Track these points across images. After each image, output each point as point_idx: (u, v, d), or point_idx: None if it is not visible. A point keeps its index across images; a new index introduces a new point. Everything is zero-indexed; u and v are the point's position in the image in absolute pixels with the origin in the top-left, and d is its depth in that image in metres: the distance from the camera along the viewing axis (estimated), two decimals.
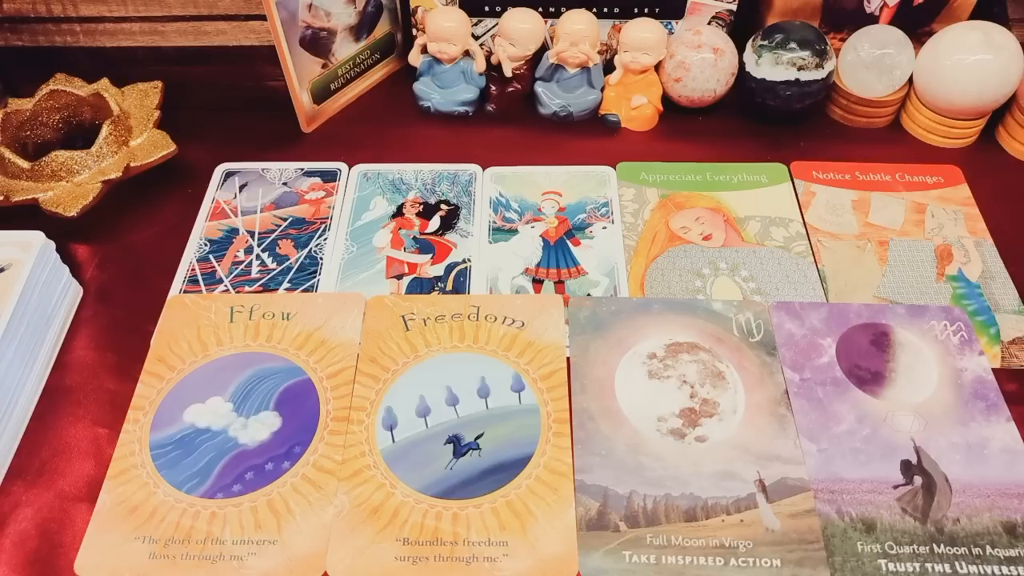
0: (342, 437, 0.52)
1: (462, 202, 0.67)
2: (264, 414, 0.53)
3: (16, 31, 0.76)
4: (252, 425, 0.52)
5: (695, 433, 0.52)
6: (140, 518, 0.48)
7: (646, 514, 0.48)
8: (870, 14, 0.74)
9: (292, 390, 0.54)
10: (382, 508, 0.49)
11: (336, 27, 0.72)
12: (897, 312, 0.58)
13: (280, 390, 0.54)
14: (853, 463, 0.50)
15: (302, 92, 0.72)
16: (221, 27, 0.76)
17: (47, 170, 0.63)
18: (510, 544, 0.47)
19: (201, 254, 0.63)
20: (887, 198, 0.67)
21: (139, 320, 0.59)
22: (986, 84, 0.67)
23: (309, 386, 0.54)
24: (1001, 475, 0.50)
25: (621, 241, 0.64)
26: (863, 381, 0.54)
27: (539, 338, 0.57)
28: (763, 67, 0.69)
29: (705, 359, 0.56)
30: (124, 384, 0.55)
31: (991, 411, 0.53)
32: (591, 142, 0.73)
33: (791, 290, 0.60)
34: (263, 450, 0.51)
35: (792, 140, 0.73)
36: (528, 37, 0.72)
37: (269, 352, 0.56)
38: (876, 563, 0.46)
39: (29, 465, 0.52)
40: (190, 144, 0.69)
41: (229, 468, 0.51)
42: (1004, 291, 0.60)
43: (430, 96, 0.75)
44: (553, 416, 0.53)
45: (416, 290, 0.61)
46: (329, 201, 0.67)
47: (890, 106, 0.73)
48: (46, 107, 0.69)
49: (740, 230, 0.65)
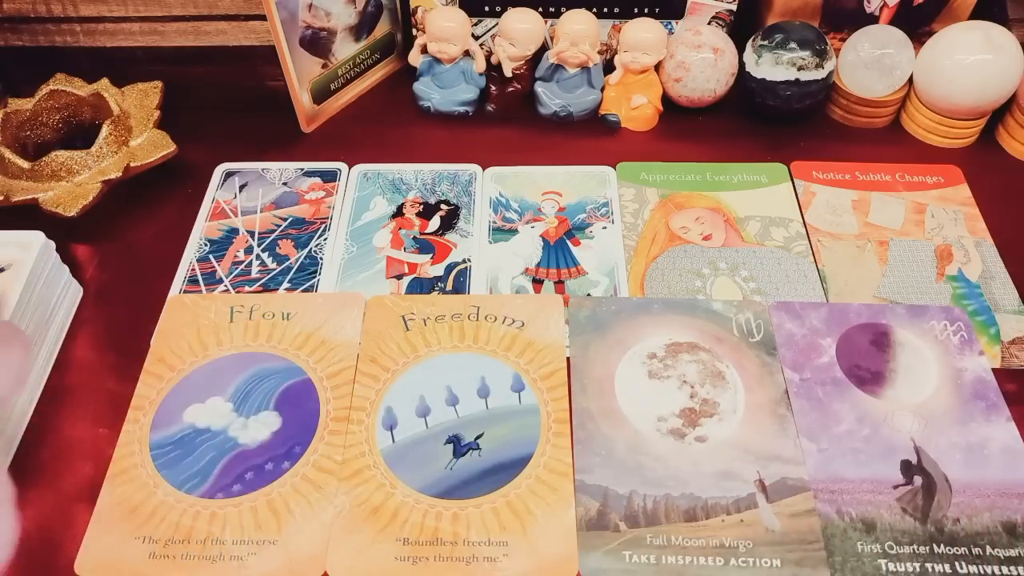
0: (342, 437, 0.52)
1: (462, 202, 0.67)
2: (264, 414, 0.53)
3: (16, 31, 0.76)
4: (252, 425, 0.52)
5: (695, 433, 0.52)
6: (140, 518, 0.48)
7: (646, 514, 0.48)
8: (870, 14, 0.74)
9: (292, 390, 0.54)
10: (382, 508, 0.49)
11: (336, 27, 0.72)
12: (897, 312, 0.58)
13: (280, 390, 0.54)
14: (853, 463, 0.50)
15: (302, 92, 0.72)
16: (221, 27, 0.76)
17: (47, 170, 0.63)
18: (510, 544, 0.47)
19: (201, 254, 0.63)
20: (887, 198, 0.67)
21: (139, 320, 0.59)
22: (986, 84, 0.67)
23: (309, 386, 0.54)
24: (1001, 475, 0.50)
25: (621, 241, 0.64)
26: (863, 381, 0.54)
27: (539, 338, 0.57)
28: (763, 67, 0.69)
29: (705, 359, 0.56)
30: (124, 384, 0.55)
31: (991, 411, 0.53)
32: (591, 142, 0.73)
33: (791, 290, 0.60)
34: (263, 450, 0.51)
35: (792, 140, 0.73)
36: (528, 37, 0.72)
37: (269, 352, 0.56)
38: (876, 563, 0.46)
39: (29, 465, 0.52)
40: (190, 144, 0.69)
41: (229, 468, 0.51)
42: (1004, 291, 0.60)
43: (430, 96, 0.75)
44: (553, 416, 0.53)
45: (416, 290, 0.61)
46: (329, 201, 0.67)
47: (890, 106, 0.73)
48: (46, 107, 0.69)
49: (740, 230, 0.65)
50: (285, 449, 0.51)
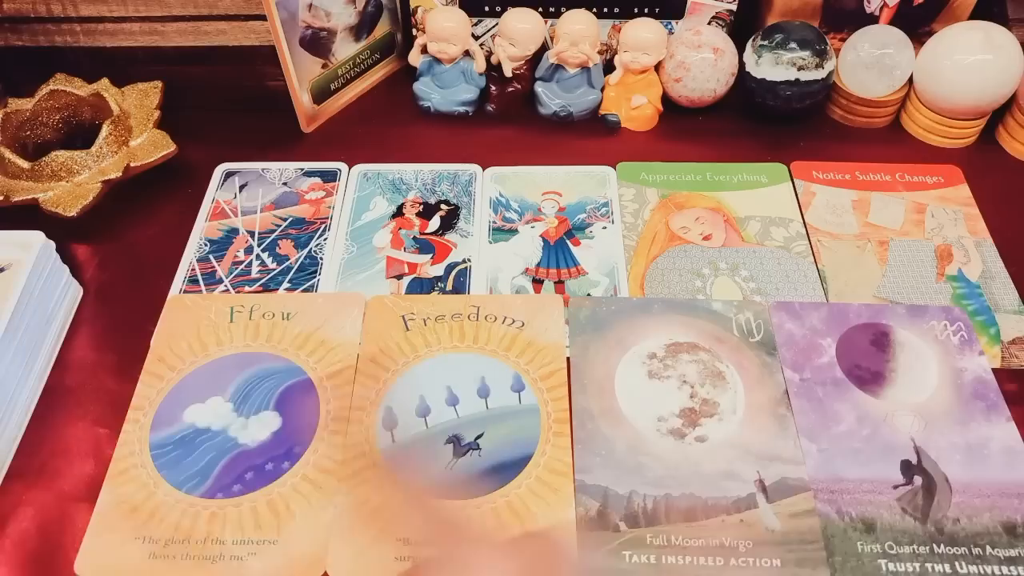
0: (342, 437, 0.52)
1: (462, 202, 0.67)
2: (264, 414, 0.53)
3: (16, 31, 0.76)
4: (252, 425, 0.52)
5: (695, 433, 0.52)
6: (140, 518, 0.48)
7: (646, 514, 0.48)
8: (870, 14, 0.74)
9: (292, 390, 0.54)
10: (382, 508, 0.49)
11: (336, 27, 0.72)
12: (897, 312, 0.58)
13: (280, 390, 0.54)
14: (853, 463, 0.50)
15: (302, 92, 0.72)
16: (221, 27, 0.76)
17: (47, 170, 0.63)
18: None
19: (201, 254, 0.63)
20: (887, 198, 0.67)
21: (139, 320, 0.59)
22: (986, 84, 0.67)
23: (309, 386, 0.54)
24: (1001, 475, 0.50)
25: (621, 241, 0.64)
26: (863, 381, 0.54)
27: (539, 338, 0.57)
28: (763, 67, 0.69)
29: (705, 359, 0.56)
30: (124, 384, 0.55)
31: (991, 411, 0.53)
32: (591, 142, 0.73)
33: (791, 290, 0.60)
34: (263, 450, 0.51)
35: (792, 140, 0.73)
36: (528, 37, 0.72)
37: (269, 352, 0.56)
38: (876, 563, 0.46)
39: (29, 465, 0.52)
40: (190, 144, 0.69)
41: (229, 468, 0.51)
42: (1004, 291, 0.60)
43: (430, 96, 0.75)
44: (553, 416, 0.53)
45: (416, 290, 0.61)
46: (329, 201, 0.67)
47: (890, 106, 0.73)
48: (46, 107, 0.69)
49: (740, 230, 0.65)
50: (285, 449, 0.51)
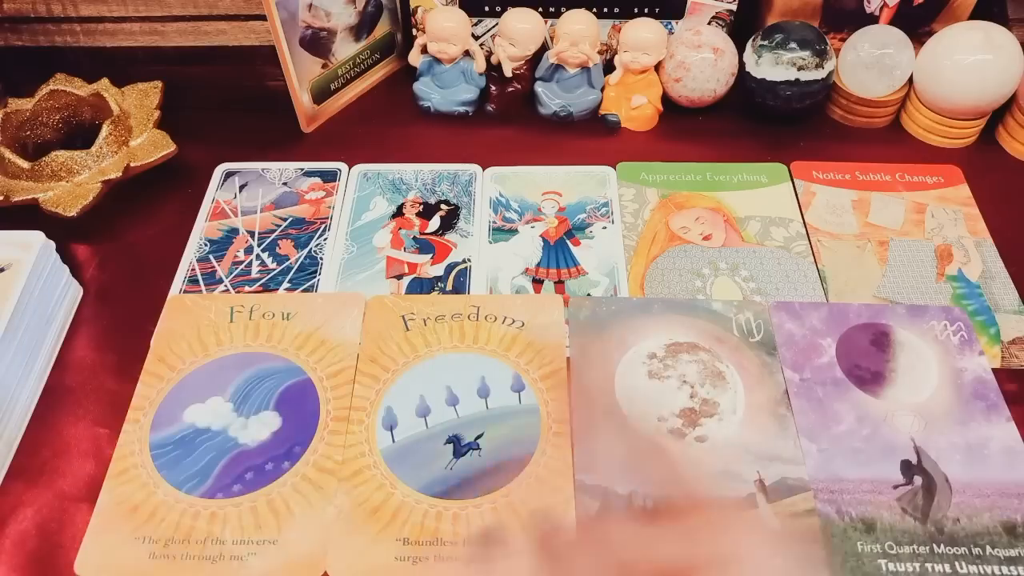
0: (342, 437, 0.52)
1: (462, 202, 0.67)
2: (264, 414, 0.53)
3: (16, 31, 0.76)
4: (252, 425, 0.52)
5: (695, 433, 0.52)
6: (140, 518, 0.48)
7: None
8: (870, 14, 0.74)
9: (292, 390, 0.54)
10: (382, 508, 0.49)
11: (336, 27, 0.72)
12: (897, 312, 0.58)
13: (280, 390, 0.54)
14: (853, 463, 0.50)
15: (302, 92, 0.72)
16: (221, 27, 0.76)
17: (47, 170, 0.63)
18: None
19: (201, 254, 0.63)
20: (887, 198, 0.67)
21: (139, 320, 0.59)
22: (986, 84, 0.67)
23: (309, 386, 0.54)
24: (1001, 475, 0.50)
25: (621, 241, 0.64)
26: (863, 381, 0.54)
27: (539, 338, 0.57)
28: (763, 67, 0.69)
29: (705, 359, 0.56)
30: (124, 384, 0.55)
31: (991, 411, 0.53)
32: (591, 142, 0.73)
33: (791, 290, 0.60)
34: (263, 450, 0.51)
35: (792, 140, 0.73)
36: (528, 37, 0.72)
37: (269, 352, 0.56)
38: (876, 563, 0.46)
39: (29, 465, 0.52)
40: (190, 144, 0.69)
41: (229, 468, 0.51)
42: (1004, 291, 0.60)
43: (430, 96, 0.75)
44: (553, 416, 0.53)
45: (416, 290, 0.61)
46: (329, 201, 0.67)
47: (890, 106, 0.73)
48: (46, 107, 0.69)
49: (740, 230, 0.65)
50: (285, 449, 0.51)
